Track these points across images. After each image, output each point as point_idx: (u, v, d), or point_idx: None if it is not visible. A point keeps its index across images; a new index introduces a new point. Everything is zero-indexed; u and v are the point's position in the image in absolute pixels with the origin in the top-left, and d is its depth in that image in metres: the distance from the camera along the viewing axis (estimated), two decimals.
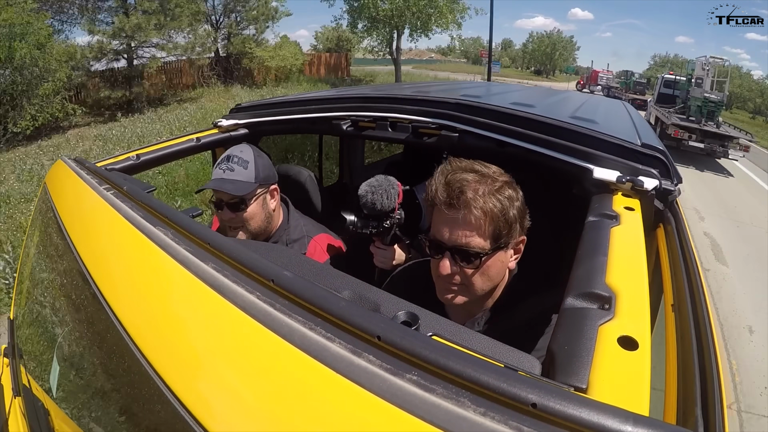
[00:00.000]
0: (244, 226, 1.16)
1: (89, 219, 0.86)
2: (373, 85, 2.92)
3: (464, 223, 0.74)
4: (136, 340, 0.53)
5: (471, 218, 0.73)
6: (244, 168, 1.14)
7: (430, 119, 1.16)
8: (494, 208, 0.73)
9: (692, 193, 7.00)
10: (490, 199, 0.73)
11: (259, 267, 0.52)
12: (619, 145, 0.93)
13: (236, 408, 0.41)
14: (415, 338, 0.39)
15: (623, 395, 0.38)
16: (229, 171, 1.13)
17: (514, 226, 0.76)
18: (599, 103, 1.97)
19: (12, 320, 1.19)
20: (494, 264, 0.77)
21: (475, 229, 0.73)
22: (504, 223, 0.74)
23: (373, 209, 1.04)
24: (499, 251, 0.76)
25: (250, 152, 1.18)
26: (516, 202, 0.76)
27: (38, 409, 0.85)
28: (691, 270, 0.67)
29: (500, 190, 0.75)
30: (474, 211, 0.72)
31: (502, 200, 0.74)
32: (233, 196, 1.12)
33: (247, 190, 1.13)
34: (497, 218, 0.74)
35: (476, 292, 0.78)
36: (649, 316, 0.49)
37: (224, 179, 1.13)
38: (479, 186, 0.74)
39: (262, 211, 1.18)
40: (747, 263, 4.74)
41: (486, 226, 0.73)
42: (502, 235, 0.75)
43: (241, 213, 1.14)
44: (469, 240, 0.74)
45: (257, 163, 1.17)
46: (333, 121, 1.34)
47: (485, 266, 0.76)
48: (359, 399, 0.36)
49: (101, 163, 1.18)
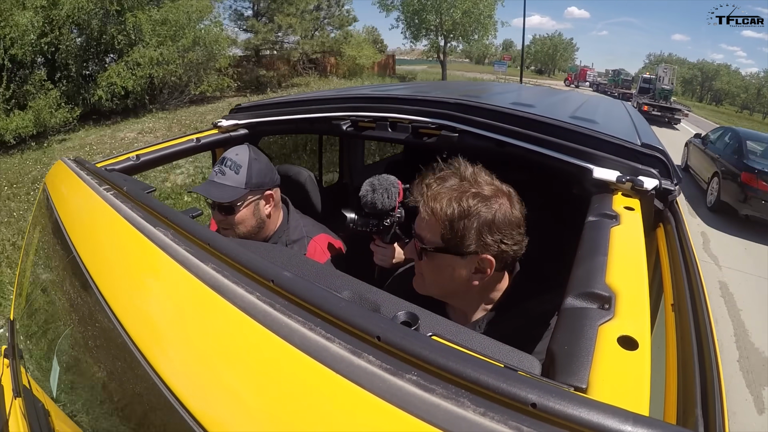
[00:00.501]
0: (232, 229, 1.15)
1: (89, 220, 0.86)
2: (372, 85, 2.96)
3: (420, 216, 0.78)
4: (136, 340, 0.53)
5: (423, 213, 0.76)
6: (236, 173, 1.12)
7: (430, 119, 1.16)
8: (440, 212, 0.74)
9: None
10: (442, 203, 0.74)
11: (259, 267, 0.52)
12: (619, 145, 0.93)
13: (236, 408, 0.41)
14: (415, 338, 0.39)
15: (623, 395, 0.38)
16: (220, 175, 1.12)
17: (467, 239, 0.73)
18: (599, 103, 1.97)
19: (12, 321, 1.19)
20: (443, 267, 0.77)
21: (423, 225, 0.77)
22: (450, 231, 0.73)
23: (373, 208, 1.05)
24: (448, 255, 0.75)
25: (245, 156, 1.15)
26: (482, 215, 0.73)
27: (38, 410, 0.85)
28: (691, 270, 0.67)
29: (462, 197, 0.73)
30: (423, 209, 0.76)
31: (454, 207, 0.73)
32: (217, 200, 1.11)
33: (235, 197, 1.11)
34: (442, 222, 0.74)
35: (430, 286, 0.81)
36: (649, 316, 0.49)
37: (214, 183, 1.12)
38: (444, 187, 0.75)
39: (253, 216, 1.16)
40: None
41: (432, 226, 0.76)
42: (450, 242, 0.74)
43: (231, 217, 1.13)
44: (419, 232, 0.78)
45: (251, 167, 1.14)
46: (333, 121, 1.34)
47: (434, 264, 0.78)
48: (359, 399, 0.36)
49: (101, 163, 1.18)
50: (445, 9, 19.63)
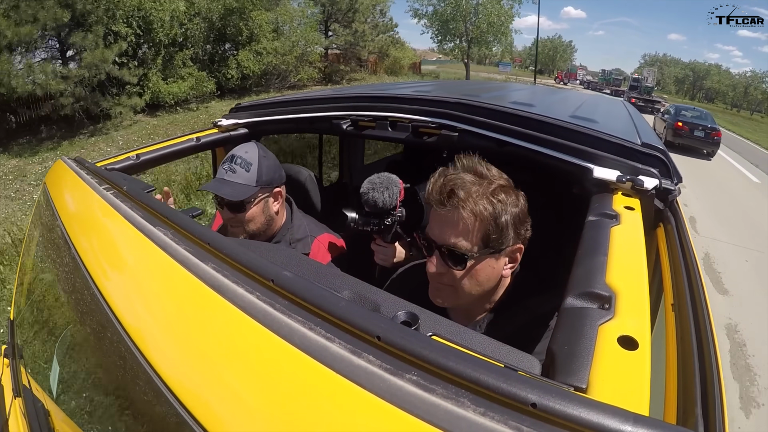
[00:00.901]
0: (242, 227, 1.15)
1: (89, 219, 0.86)
2: (372, 85, 2.99)
3: (453, 223, 0.72)
4: (136, 340, 0.53)
5: (460, 219, 0.71)
6: (246, 170, 1.12)
7: (430, 118, 1.16)
8: (484, 211, 0.71)
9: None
10: (482, 202, 0.71)
11: (259, 267, 0.52)
12: (619, 144, 0.93)
13: (236, 408, 0.41)
14: (415, 338, 0.39)
15: (623, 395, 0.38)
16: (231, 173, 1.12)
17: (506, 232, 0.73)
18: (599, 102, 1.97)
19: (12, 320, 1.19)
20: (483, 269, 0.75)
21: (462, 231, 0.72)
22: (494, 228, 0.72)
23: (374, 206, 1.05)
24: (488, 256, 0.74)
25: (255, 153, 1.15)
26: (512, 207, 0.74)
27: (38, 410, 0.85)
28: (691, 270, 0.66)
29: (494, 192, 0.73)
30: (463, 212, 0.71)
31: (494, 203, 0.72)
32: (228, 198, 1.10)
33: (246, 194, 1.11)
34: (487, 221, 0.72)
35: (464, 295, 0.76)
36: (649, 316, 0.49)
37: (224, 181, 1.11)
38: (473, 187, 0.72)
39: (263, 214, 1.16)
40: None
41: (475, 229, 0.72)
42: (491, 240, 0.72)
43: (241, 214, 1.13)
44: (457, 241, 0.72)
45: (261, 165, 1.14)
46: (333, 120, 1.34)
47: (474, 270, 0.74)
48: (359, 399, 0.36)
49: (101, 163, 1.18)
50: (472, 19, 23.81)
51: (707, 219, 5.92)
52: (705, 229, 5.47)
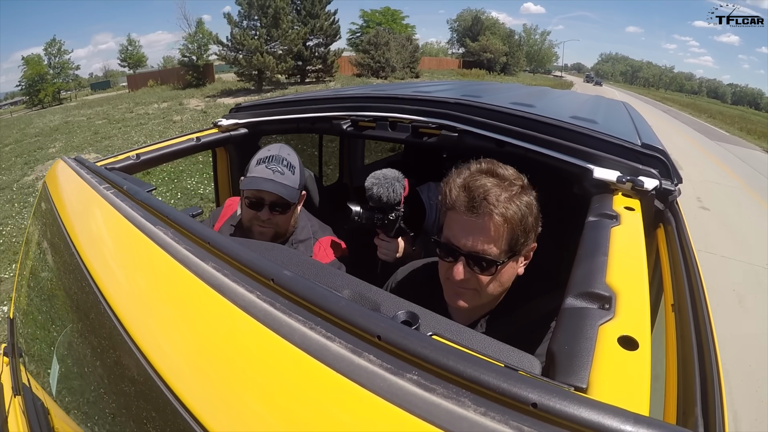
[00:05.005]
0: (273, 228, 1.14)
1: (89, 218, 0.86)
2: (372, 85, 2.98)
3: (483, 230, 0.71)
4: (136, 339, 0.53)
5: (491, 225, 0.70)
6: (293, 173, 1.12)
7: (430, 119, 1.16)
8: (515, 216, 0.71)
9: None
10: (511, 206, 0.70)
11: (259, 266, 0.52)
12: (619, 145, 0.93)
13: (236, 407, 0.41)
14: (416, 338, 0.39)
15: (623, 395, 0.38)
16: (279, 174, 1.10)
17: (531, 234, 0.74)
18: (599, 103, 1.97)
19: (12, 319, 1.18)
20: (507, 271, 0.76)
21: (493, 237, 0.71)
22: (522, 232, 0.72)
23: (378, 201, 1.05)
24: (513, 257, 0.75)
25: (295, 156, 1.16)
26: (534, 208, 0.74)
27: (38, 408, 0.85)
28: (691, 270, 0.67)
29: (519, 196, 0.72)
30: (495, 218, 0.70)
31: (521, 207, 0.72)
32: (280, 198, 1.09)
33: (296, 197, 1.13)
34: (516, 226, 0.71)
35: (486, 296, 0.77)
36: (649, 316, 0.49)
37: (275, 182, 1.09)
38: (501, 192, 0.71)
39: (293, 216, 1.18)
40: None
41: (504, 234, 0.71)
42: (518, 243, 0.73)
43: (282, 216, 1.13)
44: (487, 247, 0.71)
45: (301, 169, 1.17)
46: (333, 120, 1.34)
47: (499, 273, 0.74)
48: (359, 399, 0.36)
49: (101, 162, 1.18)
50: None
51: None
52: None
